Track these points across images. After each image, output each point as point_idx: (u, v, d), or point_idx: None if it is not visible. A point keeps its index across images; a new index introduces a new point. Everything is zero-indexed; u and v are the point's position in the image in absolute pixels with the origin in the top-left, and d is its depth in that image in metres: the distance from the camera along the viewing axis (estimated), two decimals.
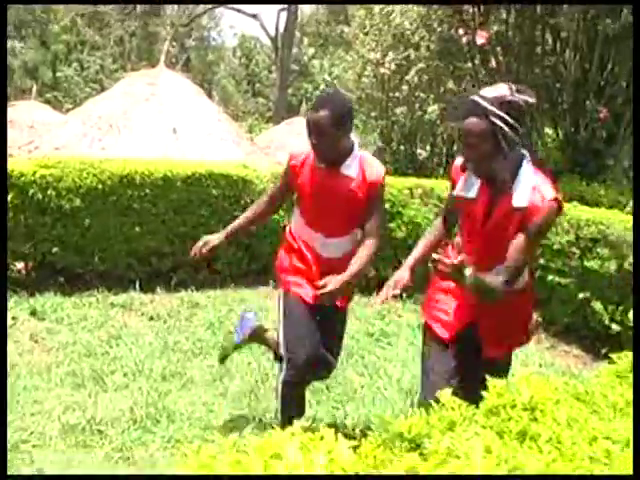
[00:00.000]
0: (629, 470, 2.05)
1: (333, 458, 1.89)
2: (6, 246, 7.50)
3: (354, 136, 4.96)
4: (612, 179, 12.15)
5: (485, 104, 3.77)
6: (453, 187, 4.28)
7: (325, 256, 5.06)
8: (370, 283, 8.47)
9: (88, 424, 5.45)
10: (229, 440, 1.96)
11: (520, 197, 3.86)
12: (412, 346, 7.74)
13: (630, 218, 8.31)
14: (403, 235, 9.16)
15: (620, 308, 7.84)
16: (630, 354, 3.17)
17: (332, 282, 4.77)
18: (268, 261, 9.20)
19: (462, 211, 4.18)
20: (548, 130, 13.82)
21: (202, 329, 7.76)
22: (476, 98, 3.84)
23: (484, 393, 2.48)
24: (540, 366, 7.51)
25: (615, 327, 7.81)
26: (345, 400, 6.17)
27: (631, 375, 2.92)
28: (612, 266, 7.80)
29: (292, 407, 5.23)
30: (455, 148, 19.34)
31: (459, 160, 4.19)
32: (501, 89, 3.85)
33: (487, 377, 2.89)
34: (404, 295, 8.93)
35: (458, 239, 4.32)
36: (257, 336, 5.55)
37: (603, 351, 7.77)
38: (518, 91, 3.82)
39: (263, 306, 8.56)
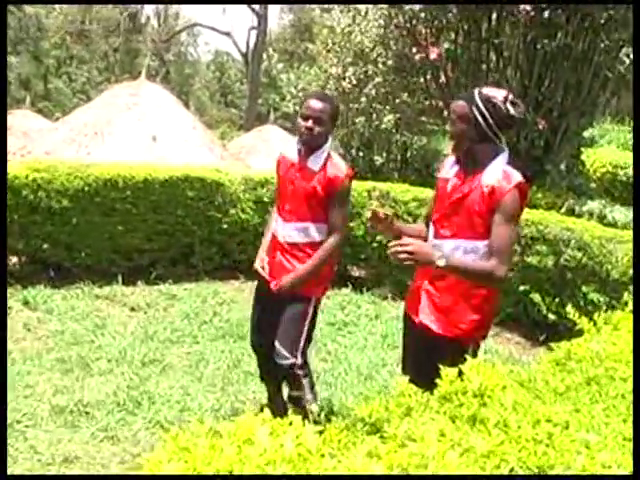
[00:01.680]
0: (570, 451, 2.05)
1: (301, 442, 1.88)
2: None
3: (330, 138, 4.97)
4: (551, 183, 12.24)
5: (476, 96, 3.90)
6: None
7: (281, 240, 5.03)
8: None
9: (76, 406, 5.42)
10: (205, 426, 1.94)
11: (489, 176, 3.88)
12: (370, 335, 7.74)
13: (565, 219, 8.36)
14: (362, 233, 9.14)
15: (556, 300, 7.87)
16: (567, 343, 3.16)
17: (283, 281, 4.88)
18: (238, 257, 9.24)
19: (438, 191, 4.21)
20: None
21: (179, 319, 7.71)
22: (475, 89, 4.00)
23: (437, 381, 2.47)
24: (485, 352, 7.51)
25: (552, 317, 7.86)
26: None
27: (569, 363, 2.92)
28: (550, 262, 7.84)
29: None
30: (409, 154, 19.37)
31: (447, 159, 4.29)
32: (498, 93, 3.96)
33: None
34: (364, 289, 8.98)
35: None
36: None
37: (541, 338, 7.82)
38: (511, 102, 3.90)
39: (234, 298, 8.56)
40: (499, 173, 3.87)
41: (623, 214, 11.95)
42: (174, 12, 52.84)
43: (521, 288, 8.02)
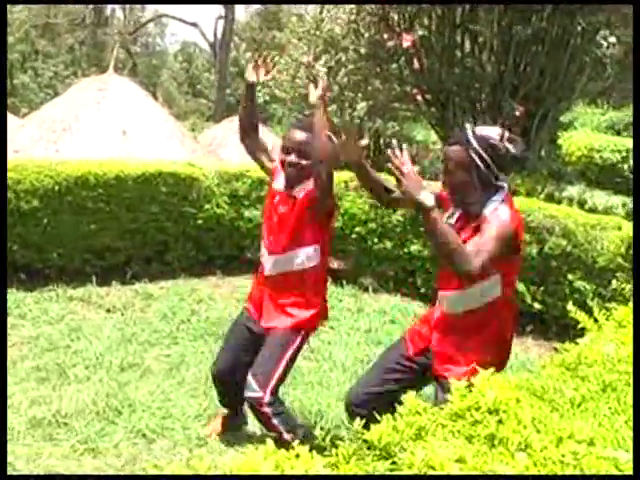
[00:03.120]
0: (600, 472, 1.90)
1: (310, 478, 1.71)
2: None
3: None
4: (529, 169, 12.16)
5: (471, 138, 3.66)
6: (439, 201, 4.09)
7: (267, 274, 4.83)
8: None
9: (54, 417, 5.21)
10: (205, 463, 1.76)
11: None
12: (353, 330, 7.61)
13: (548, 206, 8.26)
14: (340, 225, 8.97)
15: (541, 288, 7.78)
16: (576, 347, 3.00)
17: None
18: (215, 252, 9.08)
19: None
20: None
21: (157, 320, 7.50)
22: (467, 130, 3.73)
23: (448, 396, 2.31)
24: None
25: (537, 305, 7.75)
26: (294, 384, 5.97)
27: (581, 368, 2.77)
28: (533, 250, 7.71)
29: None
30: (381, 142, 19.29)
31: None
32: (493, 131, 3.73)
33: None
34: (344, 282, 8.82)
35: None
36: None
37: (528, 329, 7.73)
38: (509, 139, 3.69)
39: (211, 295, 8.40)
40: (489, 211, 3.71)
41: (603, 199, 11.89)
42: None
43: None
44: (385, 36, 13.49)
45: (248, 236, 8.98)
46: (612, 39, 12.29)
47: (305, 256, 4.68)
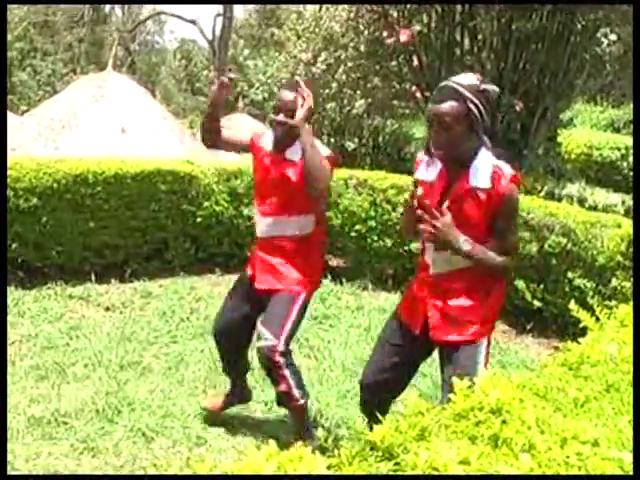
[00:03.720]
0: (605, 473, 1.89)
1: None
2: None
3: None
4: (528, 167, 12.14)
5: (462, 90, 3.64)
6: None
7: (260, 236, 4.86)
8: None
9: (53, 416, 5.20)
10: (206, 465, 1.74)
11: (480, 178, 3.70)
12: (352, 328, 7.58)
13: (549, 204, 8.24)
14: (339, 222, 8.96)
15: (541, 286, 7.76)
16: (578, 346, 2.98)
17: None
18: (214, 250, 9.05)
19: (423, 195, 3.94)
20: None
21: (156, 318, 7.48)
22: (453, 84, 3.70)
23: (451, 396, 2.29)
24: None
25: (537, 303, 7.74)
26: None
27: (583, 367, 2.74)
28: (533, 248, 7.70)
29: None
30: (380, 139, 19.26)
31: (421, 154, 4.01)
32: (471, 78, 3.73)
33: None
34: (344, 280, 8.80)
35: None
36: None
37: (528, 327, 7.72)
38: (483, 81, 3.71)
39: (211, 293, 8.36)
40: (489, 173, 3.68)
41: (603, 196, 11.88)
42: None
43: None
44: (384, 33, 13.46)
45: (247, 234, 8.95)
46: (612, 36, 12.31)
47: (298, 225, 4.73)
